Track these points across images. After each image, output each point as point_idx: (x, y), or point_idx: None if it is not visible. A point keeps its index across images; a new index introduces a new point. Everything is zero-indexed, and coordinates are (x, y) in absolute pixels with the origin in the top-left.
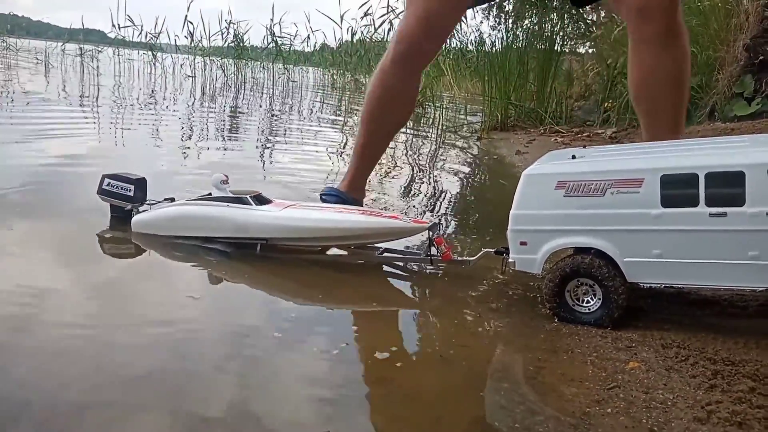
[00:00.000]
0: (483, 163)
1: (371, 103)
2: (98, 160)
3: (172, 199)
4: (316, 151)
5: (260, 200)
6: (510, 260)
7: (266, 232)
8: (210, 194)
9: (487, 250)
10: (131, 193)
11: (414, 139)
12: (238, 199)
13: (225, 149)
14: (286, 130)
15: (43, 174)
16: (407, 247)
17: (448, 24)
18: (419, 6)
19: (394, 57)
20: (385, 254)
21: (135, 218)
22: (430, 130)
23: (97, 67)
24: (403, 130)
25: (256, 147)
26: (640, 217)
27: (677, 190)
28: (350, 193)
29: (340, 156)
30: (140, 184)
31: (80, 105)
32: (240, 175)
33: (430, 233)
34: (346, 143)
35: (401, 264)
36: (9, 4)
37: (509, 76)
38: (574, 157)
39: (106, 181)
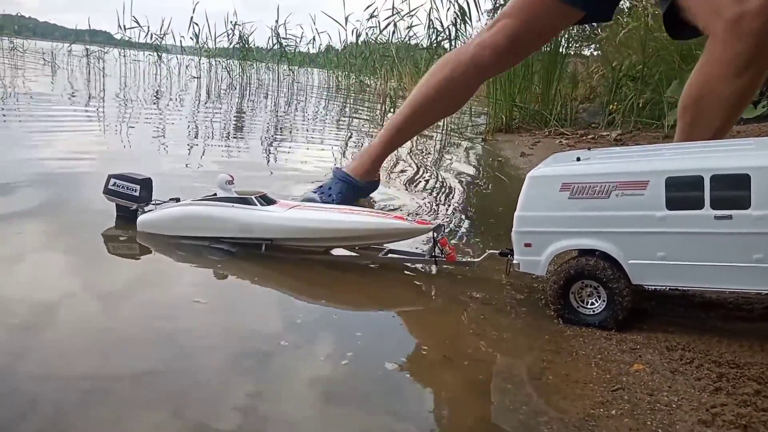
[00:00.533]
0: (488, 164)
1: (430, 87)
2: (104, 159)
3: (178, 199)
4: (321, 151)
5: (265, 201)
6: (514, 262)
7: (271, 232)
8: (215, 194)
9: (491, 251)
10: (137, 193)
11: (419, 140)
12: (243, 200)
13: (230, 149)
14: (291, 131)
15: (48, 174)
16: (412, 248)
17: (534, 47)
18: (511, 24)
19: (474, 57)
20: (390, 255)
21: (140, 218)
22: (436, 131)
23: (103, 68)
24: None
25: (262, 147)
26: (645, 220)
27: (682, 192)
28: (364, 178)
29: (343, 158)
30: (146, 184)
31: (86, 105)
32: (245, 175)
33: (435, 234)
34: (349, 144)
35: (405, 265)
36: (15, 5)
37: (514, 78)
38: (578, 159)
39: (112, 180)
